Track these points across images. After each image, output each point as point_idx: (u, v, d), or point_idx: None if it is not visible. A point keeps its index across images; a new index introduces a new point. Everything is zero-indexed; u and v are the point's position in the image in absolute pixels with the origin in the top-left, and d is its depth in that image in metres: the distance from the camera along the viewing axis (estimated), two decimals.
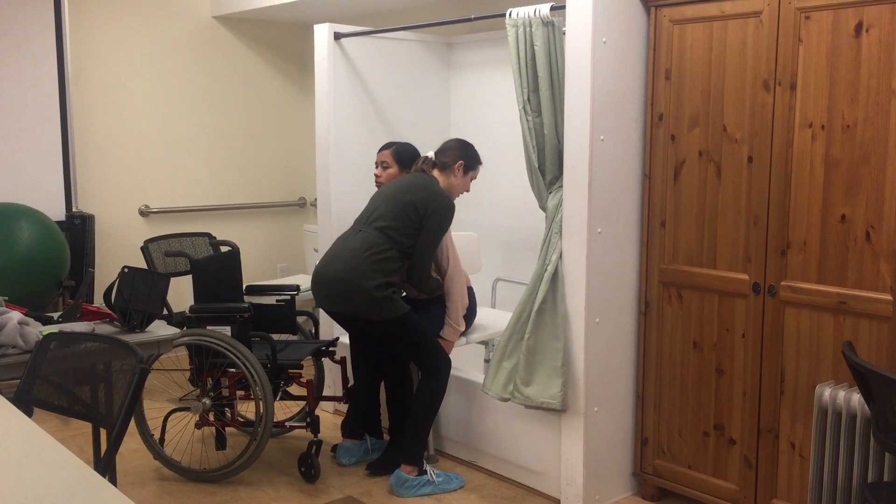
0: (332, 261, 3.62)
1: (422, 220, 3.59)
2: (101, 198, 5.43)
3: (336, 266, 3.57)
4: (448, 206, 3.65)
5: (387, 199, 3.67)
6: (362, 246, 3.56)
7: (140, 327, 3.28)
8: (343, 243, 3.66)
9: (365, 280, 3.49)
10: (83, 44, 5.29)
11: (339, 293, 3.57)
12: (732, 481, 3.28)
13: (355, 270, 3.51)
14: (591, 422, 3.43)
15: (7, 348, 2.92)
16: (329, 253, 3.70)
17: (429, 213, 3.58)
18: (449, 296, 3.80)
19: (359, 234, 3.63)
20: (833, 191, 2.90)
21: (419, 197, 3.60)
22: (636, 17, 3.35)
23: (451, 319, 3.78)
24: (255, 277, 5.74)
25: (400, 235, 3.57)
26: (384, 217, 3.60)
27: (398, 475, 3.65)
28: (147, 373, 2.36)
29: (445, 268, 3.79)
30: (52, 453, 1.97)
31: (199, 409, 3.78)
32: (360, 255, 3.53)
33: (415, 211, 3.58)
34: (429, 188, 3.65)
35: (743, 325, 3.18)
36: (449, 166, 3.74)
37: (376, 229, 3.59)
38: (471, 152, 3.81)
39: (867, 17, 2.76)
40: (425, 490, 3.64)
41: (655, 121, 3.37)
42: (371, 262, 3.51)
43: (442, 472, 3.75)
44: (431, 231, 3.60)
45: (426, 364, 3.67)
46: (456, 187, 3.78)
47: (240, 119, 5.98)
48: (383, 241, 3.56)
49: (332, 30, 4.36)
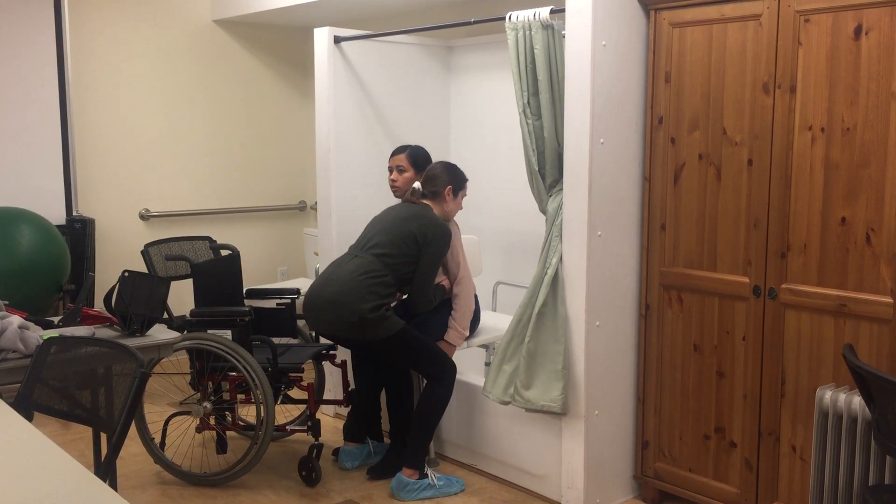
0: (326, 284, 3.64)
1: (420, 249, 3.64)
2: (101, 202, 5.43)
3: (330, 289, 3.60)
4: (446, 233, 3.71)
5: (385, 229, 3.70)
6: (357, 270, 3.59)
7: (140, 331, 3.28)
8: (338, 268, 3.69)
9: (359, 303, 3.51)
10: (83, 48, 5.29)
11: (332, 316, 3.59)
12: (733, 484, 3.28)
13: (349, 293, 3.54)
14: (591, 425, 3.43)
15: (7, 353, 2.92)
16: (323, 276, 3.72)
17: (427, 241, 3.64)
18: (457, 299, 3.82)
19: (355, 259, 3.66)
20: (833, 193, 2.90)
21: (417, 226, 3.65)
22: (636, 20, 3.35)
23: (458, 324, 3.81)
24: (256, 281, 5.73)
25: (398, 263, 3.62)
26: (382, 245, 3.65)
27: (399, 479, 3.65)
28: (147, 377, 2.36)
29: (455, 272, 3.82)
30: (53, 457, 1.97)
31: (200, 413, 3.78)
32: (355, 279, 3.56)
33: (414, 241, 3.64)
34: (426, 217, 3.70)
35: (743, 328, 3.18)
36: (439, 194, 3.78)
37: (374, 255, 3.63)
38: (457, 174, 3.83)
39: (866, 19, 2.76)
40: (426, 494, 3.64)
41: (655, 124, 3.37)
42: (366, 285, 3.54)
43: (443, 475, 3.75)
44: (431, 256, 3.67)
45: (430, 373, 3.68)
46: (450, 212, 3.83)
47: (240, 122, 5.98)
48: (380, 267, 3.59)
49: (332, 33, 4.36)
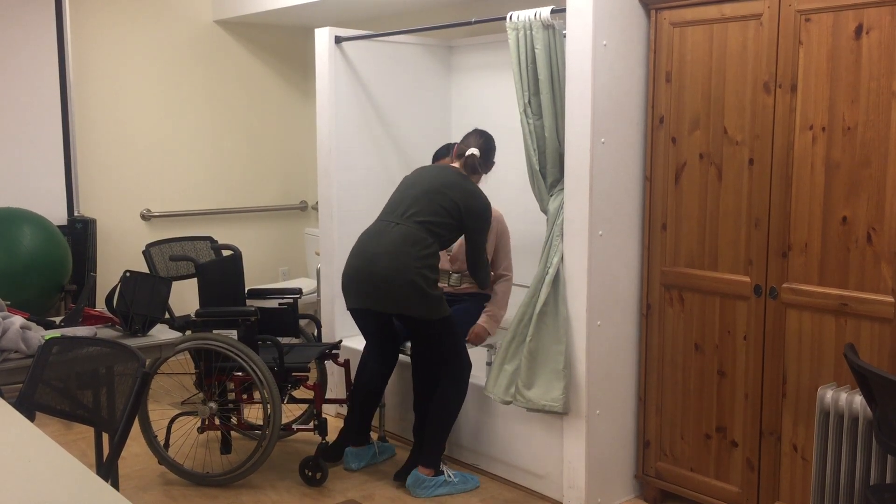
0: (375, 258, 3.50)
1: (463, 220, 3.60)
2: (102, 202, 5.43)
3: (383, 263, 3.47)
4: (488, 206, 3.69)
5: (425, 193, 3.61)
6: (406, 241, 3.48)
7: (142, 331, 3.28)
8: (379, 238, 3.56)
9: (418, 278, 3.44)
10: (85, 48, 5.29)
11: (389, 292, 3.48)
12: (735, 484, 3.28)
13: (406, 269, 3.44)
14: (592, 424, 3.43)
15: (9, 353, 2.93)
16: (365, 249, 3.58)
17: (472, 215, 3.61)
18: (501, 287, 4.03)
19: (397, 227, 3.54)
20: (834, 193, 2.90)
21: (461, 197, 3.59)
22: (636, 19, 3.35)
23: (500, 312, 3.98)
24: (257, 281, 5.74)
25: (441, 229, 3.56)
26: (424, 212, 3.55)
27: (416, 475, 3.65)
28: (149, 377, 2.37)
29: (501, 262, 4.05)
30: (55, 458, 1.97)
31: (206, 414, 3.78)
32: (408, 252, 3.46)
33: (457, 210, 3.58)
34: (467, 189, 3.64)
35: (744, 328, 3.18)
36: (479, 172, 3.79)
37: (417, 223, 3.53)
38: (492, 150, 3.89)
39: (867, 19, 2.76)
40: (442, 490, 3.64)
41: (656, 123, 3.37)
42: (419, 258, 3.46)
43: (459, 472, 3.74)
44: (478, 232, 3.67)
45: (453, 368, 3.66)
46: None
47: (241, 123, 5.99)
48: (426, 235, 3.51)
49: (333, 34, 4.36)
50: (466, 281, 4.09)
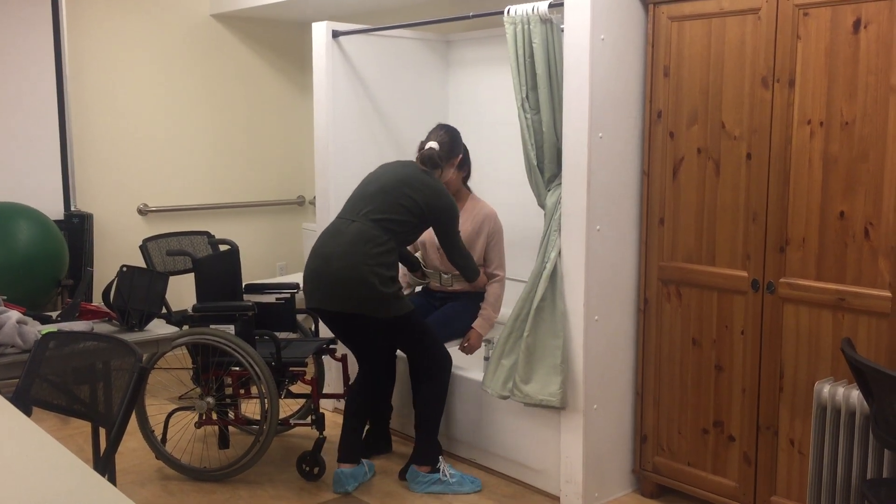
0: (331, 258, 3.47)
1: (425, 216, 3.55)
2: (99, 197, 5.42)
3: (337, 263, 3.44)
4: (448, 198, 3.63)
5: (382, 190, 3.55)
6: (360, 240, 3.44)
7: (139, 326, 3.28)
8: (335, 237, 3.52)
9: (371, 276, 3.40)
10: (81, 42, 5.28)
11: (343, 292, 3.45)
12: (732, 478, 3.28)
13: (359, 267, 3.40)
14: (590, 419, 3.43)
15: (6, 347, 2.92)
16: (321, 249, 3.54)
17: (434, 210, 3.56)
18: (494, 287, 3.98)
19: (353, 224, 3.50)
20: (832, 187, 2.90)
21: (420, 193, 3.54)
22: (634, 14, 3.34)
23: (494, 312, 3.95)
24: (255, 276, 5.74)
25: (398, 226, 3.51)
26: (380, 209, 3.50)
27: (412, 470, 3.67)
28: (146, 372, 2.36)
29: (494, 260, 3.99)
30: (51, 452, 1.97)
31: (203, 408, 3.78)
32: (361, 250, 3.42)
33: (416, 206, 3.52)
34: (426, 184, 3.57)
35: (742, 322, 3.18)
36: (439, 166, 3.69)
37: (372, 221, 3.48)
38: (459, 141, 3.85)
39: (865, 13, 2.76)
40: (435, 488, 3.63)
41: (654, 118, 3.37)
42: (372, 255, 3.41)
43: (459, 472, 3.71)
44: (445, 224, 3.61)
45: (427, 363, 3.67)
46: (452, 182, 3.83)
47: (238, 117, 5.98)
48: (380, 233, 3.46)
49: (331, 28, 4.35)
50: (458, 281, 4.04)
